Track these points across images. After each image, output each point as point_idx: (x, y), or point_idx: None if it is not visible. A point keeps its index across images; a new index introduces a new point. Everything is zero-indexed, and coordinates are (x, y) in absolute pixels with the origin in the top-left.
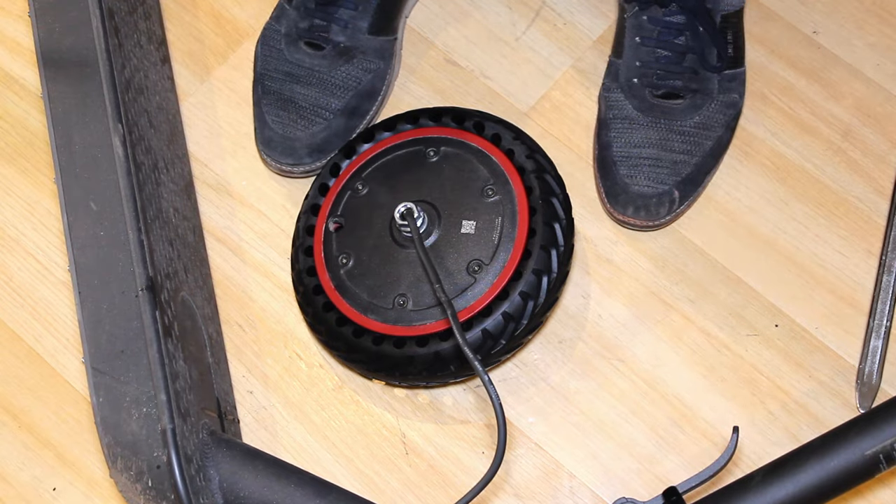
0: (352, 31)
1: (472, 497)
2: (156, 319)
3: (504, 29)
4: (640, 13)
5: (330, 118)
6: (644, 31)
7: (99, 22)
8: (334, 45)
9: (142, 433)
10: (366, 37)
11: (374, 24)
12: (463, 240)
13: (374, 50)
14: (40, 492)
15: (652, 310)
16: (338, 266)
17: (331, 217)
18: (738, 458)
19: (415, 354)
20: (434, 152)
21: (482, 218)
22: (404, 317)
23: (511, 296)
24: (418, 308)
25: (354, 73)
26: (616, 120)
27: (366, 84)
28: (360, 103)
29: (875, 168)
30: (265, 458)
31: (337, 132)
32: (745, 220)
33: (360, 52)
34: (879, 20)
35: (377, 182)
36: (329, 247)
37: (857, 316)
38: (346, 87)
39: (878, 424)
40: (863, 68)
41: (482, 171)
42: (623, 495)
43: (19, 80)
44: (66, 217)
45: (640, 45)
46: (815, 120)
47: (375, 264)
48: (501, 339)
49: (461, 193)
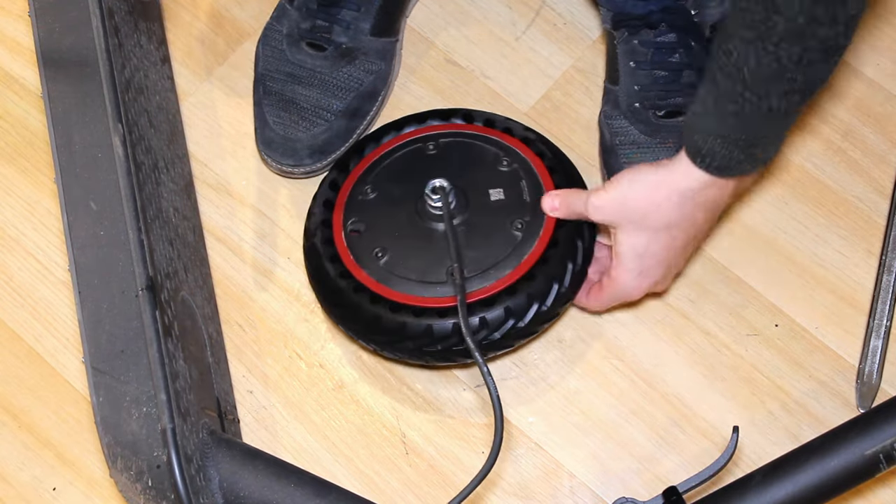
0: (354, 32)
1: (471, 491)
2: (156, 319)
3: (504, 29)
4: (631, 38)
5: (331, 119)
6: (637, 54)
7: (99, 22)
8: (336, 46)
9: (142, 433)
10: (368, 38)
11: (376, 25)
12: (496, 205)
13: (376, 51)
14: (40, 492)
15: (652, 310)
16: (375, 260)
17: (347, 224)
18: (738, 458)
19: (481, 320)
20: (433, 145)
21: (506, 184)
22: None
23: (553, 259)
24: (471, 273)
25: (356, 75)
26: (623, 146)
27: (367, 85)
28: (361, 104)
29: (875, 168)
30: (265, 458)
31: (338, 133)
32: (745, 220)
33: (362, 54)
34: (879, 20)
35: (384, 182)
36: (357, 249)
37: (857, 316)
38: (348, 88)
39: (878, 424)
40: (863, 68)
41: (488, 149)
42: (623, 495)
43: (19, 80)
44: (66, 217)
45: (635, 70)
46: (815, 120)
47: (416, 247)
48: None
49: (476, 170)
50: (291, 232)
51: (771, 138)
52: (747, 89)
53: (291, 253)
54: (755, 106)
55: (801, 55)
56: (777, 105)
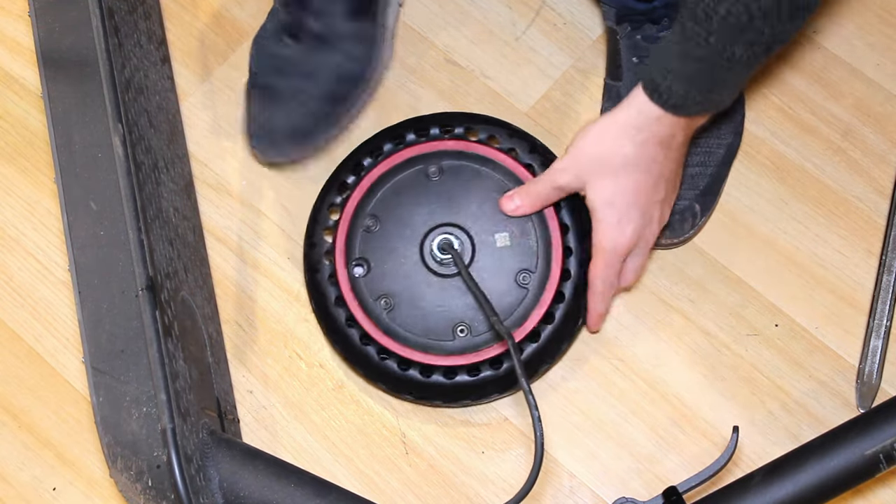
0: (327, 18)
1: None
2: (156, 319)
3: (504, 29)
4: (634, 33)
5: (308, 103)
6: (640, 49)
7: (99, 22)
8: (311, 35)
9: (142, 433)
10: (343, 23)
11: (349, 8)
12: (501, 253)
13: (354, 35)
14: (40, 492)
15: (652, 310)
16: (379, 311)
17: (351, 261)
18: (738, 458)
19: (490, 377)
20: (435, 170)
21: (513, 227)
22: (469, 345)
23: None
24: (479, 334)
25: (333, 59)
26: None
27: (347, 70)
28: (341, 89)
29: (875, 168)
30: (265, 458)
31: (318, 117)
32: (745, 220)
33: (338, 39)
34: (879, 20)
35: (386, 213)
36: (361, 293)
37: (857, 316)
38: (325, 72)
39: (878, 424)
40: (863, 68)
41: (493, 177)
42: (623, 495)
43: (19, 80)
44: (66, 217)
45: (638, 64)
46: (815, 120)
47: (422, 300)
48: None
49: (481, 206)
50: (291, 232)
51: (729, 85)
52: (713, 35)
53: (291, 253)
54: (719, 53)
55: (772, 9)
56: (740, 55)
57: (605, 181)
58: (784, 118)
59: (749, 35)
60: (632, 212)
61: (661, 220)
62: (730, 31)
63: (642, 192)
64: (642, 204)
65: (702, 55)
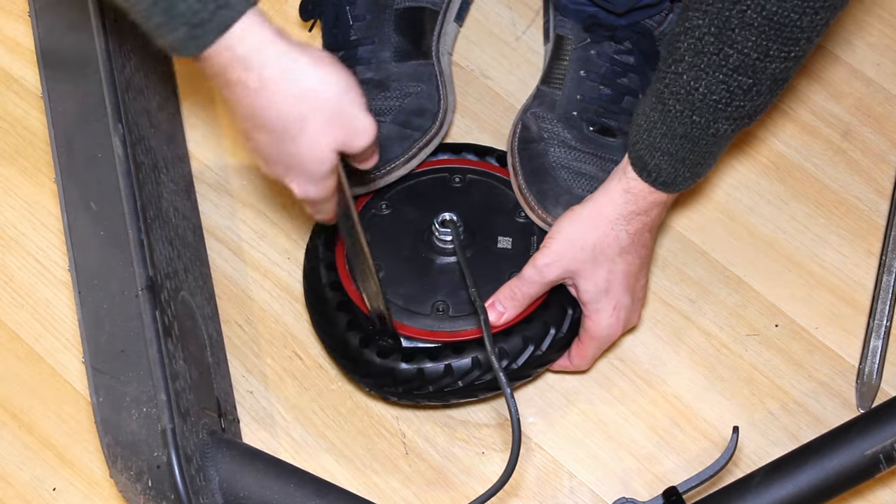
0: (377, 63)
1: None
2: (156, 319)
3: (504, 29)
4: (591, 46)
5: (381, 126)
6: (591, 65)
7: (99, 22)
8: (366, 82)
9: (142, 433)
10: (394, 66)
11: (396, 51)
12: (501, 254)
13: (408, 75)
14: (40, 492)
15: (652, 310)
16: None
17: None
18: (738, 458)
19: (452, 363)
20: (459, 179)
21: (517, 235)
22: (445, 323)
23: (551, 307)
24: (458, 315)
25: (395, 97)
26: (552, 139)
27: (409, 104)
28: (409, 118)
29: (875, 168)
30: (265, 458)
31: (391, 139)
32: (745, 220)
33: (394, 80)
34: (879, 20)
35: (401, 202)
36: None
37: (857, 316)
38: (388, 110)
39: (878, 424)
40: (863, 68)
41: (510, 196)
42: (623, 495)
43: (19, 80)
44: (66, 217)
45: (584, 80)
46: (815, 120)
47: (410, 273)
48: (542, 347)
49: (491, 214)
50: (291, 232)
51: (715, 155)
52: (696, 113)
53: (291, 253)
54: (703, 129)
55: (751, 87)
56: (724, 129)
57: (599, 269)
58: (784, 118)
59: (731, 111)
60: (624, 298)
61: (642, 298)
62: (711, 107)
63: (632, 275)
64: (631, 286)
65: (686, 132)
